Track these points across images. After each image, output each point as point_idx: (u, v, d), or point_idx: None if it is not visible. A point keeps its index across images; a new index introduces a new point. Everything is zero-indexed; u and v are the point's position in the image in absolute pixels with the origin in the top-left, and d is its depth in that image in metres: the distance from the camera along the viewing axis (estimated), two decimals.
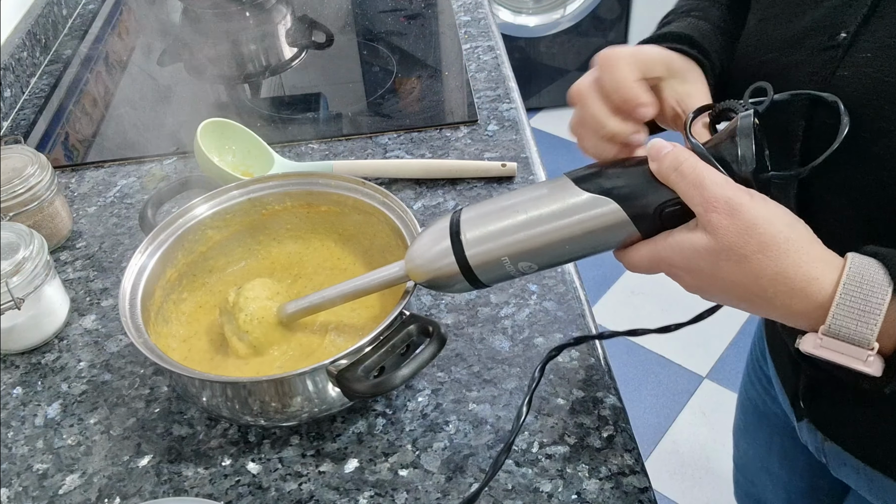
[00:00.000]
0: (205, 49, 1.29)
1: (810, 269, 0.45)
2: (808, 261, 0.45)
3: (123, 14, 1.39)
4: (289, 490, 0.62)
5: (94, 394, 0.70)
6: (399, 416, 0.66)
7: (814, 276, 0.45)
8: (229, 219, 0.75)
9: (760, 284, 0.46)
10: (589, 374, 0.68)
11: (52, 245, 0.85)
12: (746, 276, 0.46)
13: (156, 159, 1.00)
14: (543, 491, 0.60)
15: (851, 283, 0.44)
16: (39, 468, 0.65)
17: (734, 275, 0.47)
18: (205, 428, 0.67)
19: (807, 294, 0.45)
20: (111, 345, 0.75)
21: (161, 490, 0.62)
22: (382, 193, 0.72)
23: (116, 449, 0.66)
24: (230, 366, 0.68)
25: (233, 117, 0.91)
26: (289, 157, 0.96)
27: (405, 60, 1.19)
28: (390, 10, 1.33)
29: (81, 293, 0.81)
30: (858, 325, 0.44)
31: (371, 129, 1.02)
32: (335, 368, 0.58)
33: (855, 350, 0.44)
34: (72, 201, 0.93)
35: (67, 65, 1.23)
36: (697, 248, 0.47)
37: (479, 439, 0.64)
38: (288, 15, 1.35)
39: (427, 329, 0.60)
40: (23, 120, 1.10)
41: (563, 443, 0.63)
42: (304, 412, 0.62)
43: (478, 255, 0.55)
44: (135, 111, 1.13)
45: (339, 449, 0.64)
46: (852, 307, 0.44)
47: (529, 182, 0.90)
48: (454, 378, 0.69)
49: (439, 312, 0.75)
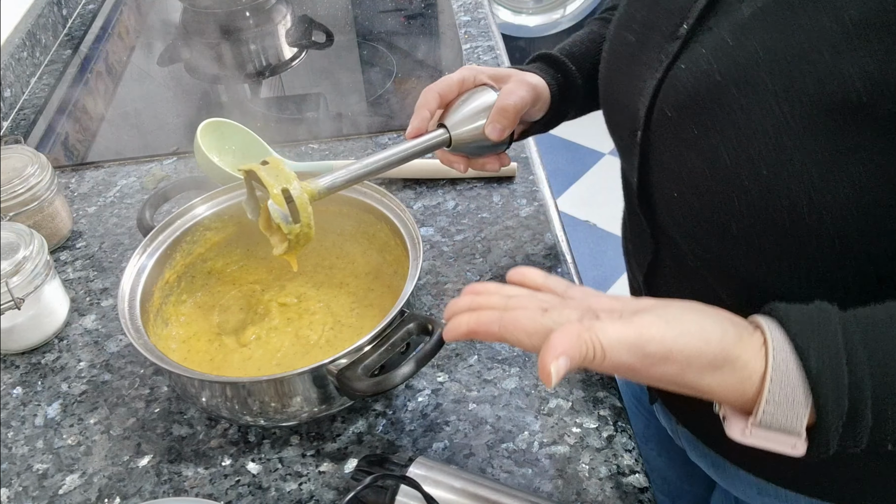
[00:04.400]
0: (205, 49, 1.29)
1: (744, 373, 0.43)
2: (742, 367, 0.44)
3: (123, 14, 1.39)
4: (289, 490, 0.62)
5: (94, 394, 0.70)
6: (399, 416, 0.66)
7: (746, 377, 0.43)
8: (228, 219, 0.75)
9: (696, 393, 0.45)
10: (589, 374, 0.68)
11: (52, 245, 0.85)
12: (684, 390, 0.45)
13: (156, 159, 1.00)
14: (543, 491, 0.60)
15: (777, 377, 0.43)
16: (39, 468, 0.65)
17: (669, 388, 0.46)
18: (205, 428, 0.67)
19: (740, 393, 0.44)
20: (111, 345, 0.75)
21: (161, 490, 0.62)
22: (382, 193, 0.72)
23: (116, 449, 0.66)
24: (230, 366, 0.68)
25: (233, 117, 0.91)
26: (289, 157, 0.96)
27: (405, 60, 1.19)
28: (390, 10, 1.33)
29: (81, 293, 0.81)
30: (788, 417, 0.43)
31: (371, 129, 1.02)
32: (335, 367, 0.58)
33: (784, 438, 0.44)
34: (72, 201, 0.93)
35: (67, 65, 1.23)
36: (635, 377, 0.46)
37: (479, 439, 0.64)
38: (288, 15, 1.35)
39: (426, 327, 0.60)
40: (23, 120, 1.10)
41: (563, 443, 0.63)
42: (303, 412, 0.62)
43: None
44: (135, 111, 1.13)
45: (339, 449, 0.64)
46: (781, 401, 0.43)
47: (529, 181, 0.90)
48: (454, 378, 0.69)
49: (439, 312, 0.75)
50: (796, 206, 0.46)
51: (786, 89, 0.45)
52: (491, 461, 0.62)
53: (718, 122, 0.49)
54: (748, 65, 0.47)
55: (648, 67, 0.55)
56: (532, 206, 0.86)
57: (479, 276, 0.78)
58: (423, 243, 0.68)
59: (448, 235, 0.83)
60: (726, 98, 0.48)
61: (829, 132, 0.44)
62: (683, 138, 0.51)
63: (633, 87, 0.57)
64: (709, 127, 0.49)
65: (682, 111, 0.51)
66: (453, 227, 0.84)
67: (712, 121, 0.49)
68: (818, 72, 0.44)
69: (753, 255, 0.51)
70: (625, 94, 0.58)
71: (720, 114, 0.48)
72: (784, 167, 0.46)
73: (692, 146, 0.51)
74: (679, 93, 0.51)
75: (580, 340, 0.43)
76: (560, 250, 0.81)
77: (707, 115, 0.49)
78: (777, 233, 0.48)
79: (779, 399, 0.43)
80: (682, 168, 0.52)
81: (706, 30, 0.51)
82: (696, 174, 0.51)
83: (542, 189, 0.89)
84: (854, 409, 0.42)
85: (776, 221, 0.48)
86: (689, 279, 0.60)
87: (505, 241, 0.82)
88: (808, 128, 0.45)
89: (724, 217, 0.50)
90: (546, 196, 0.88)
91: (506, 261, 0.80)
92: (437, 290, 0.77)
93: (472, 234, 0.83)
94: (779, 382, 0.43)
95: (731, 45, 0.48)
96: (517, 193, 0.88)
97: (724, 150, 0.48)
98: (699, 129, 0.50)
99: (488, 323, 0.46)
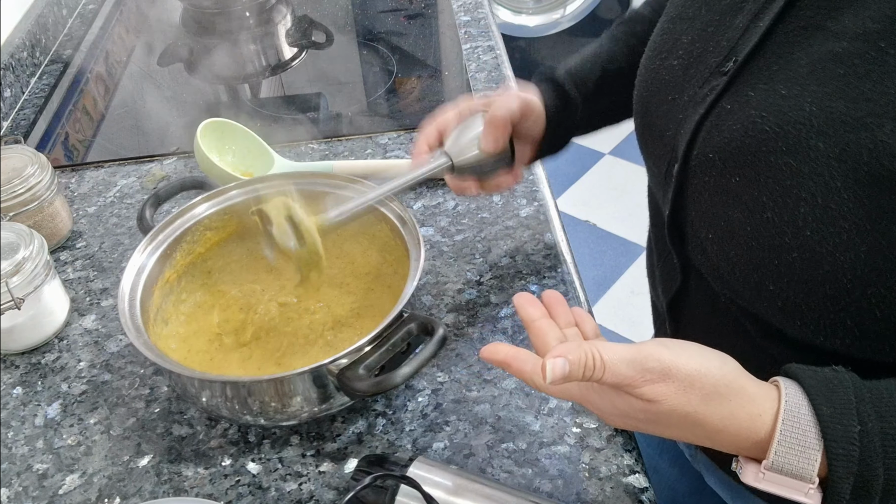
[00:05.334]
0: (204, 49, 1.29)
1: (753, 408, 0.45)
2: (749, 400, 0.45)
3: (123, 14, 1.39)
4: (289, 490, 0.62)
5: (94, 394, 0.70)
6: (399, 416, 0.66)
7: (756, 413, 0.45)
8: (228, 219, 0.75)
9: (706, 430, 0.45)
10: None
11: (52, 245, 0.85)
12: (694, 427, 0.46)
13: (156, 159, 1.00)
14: (543, 491, 0.60)
15: (790, 418, 0.44)
16: (39, 468, 0.65)
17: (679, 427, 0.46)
18: (205, 428, 0.67)
19: (751, 431, 0.45)
20: (111, 345, 0.75)
21: (161, 490, 0.62)
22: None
23: (116, 449, 0.66)
24: (230, 365, 0.68)
25: (233, 117, 0.91)
26: (289, 157, 0.96)
27: (405, 60, 1.19)
28: (390, 10, 1.33)
29: (81, 293, 0.81)
30: (800, 459, 0.43)
31: (371, 129, 1.02)
32: (335, 367, 0.58)
33: (797, 483, 0.44)
34: (72, 201, 0.93)
35: (67, 65, 1.23)
36: (636, 408, 0.46)
37: (479, 439, 0.64)
38: (288, 15, 1.35)
39: (427, 327, 0.60)
40: (23, 120, 1.10)
41: (563, 443, 0.63)
42: (304, 412, 0.62)
43: None
44: (135, 111, 1.13)
45: (339, 449, 0.64)
46: (793, 443, 0.43)
47: (529, 182, 0.90)
48: (454, 378, 0.69)
49: (439, 312, 0.75)
50: (838, 272, 0.45)
51: (838, 157, 0.44)
52: (491, 461, 0.62)
53: (763, 177, 0.47)
54: (801, 123, 0.45)
55: (691, 100, 0.53)
56: (532, 206, 0.86)
57: (478, 276, 0.78)
58: (423, 243, 0.68)
59: (448, 235, 0.83)
60: (774, 154, 0.47)
61: (878, 203, 0.43)
62: (724, 185, 0.50)
63: (673, 118, 0.55)
64: (753, 180, 0.48)
65: (726, 158, 0.50)
66: (453, 227, 0.84)
67: (757, 174, 0.48)
68: (874, 142, 0.43)
69: (788, 312, 0.50)
70: (663, 121, 0.57)
71: (766, 169, 0.47)
72: (829, 232, 0.45)
73: (733, 195, 0.49)
74: (724, 137, 0.50)
75: (581, 350, 0.45)
76: (560, 250, 0.81)
77: (752, 167, 0.48)
78: (816, 296, 0.47)
79: (791, 441, 0.43)
80: (719, 214, 0.51)
81: (755, 72, 0.49)
82: (734, 223, 0.50)
83: (542, 189, 0.89)
84: (864, 460, 0.42)
85: (816, 285, 0.47)
86: (717, 312, 0.59)
87: (505, 241, 0.82)
88: (856, 196, 0.44)
89: (761, 272, 0.49)
90: (546, 196, 0.88)
91: (506, 261, 0.80)
92: (437, 290, 0.77)
93: (472, 234, 0.83)
94: (791, 424, 0.43)
95: (784, 98, 0.47)
96: (517, 193, 0.88)
97: (768, 205, 0.47)
98: (742, 180, 0.49)
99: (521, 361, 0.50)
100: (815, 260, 0.46)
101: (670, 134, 0.55)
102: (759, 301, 0.51)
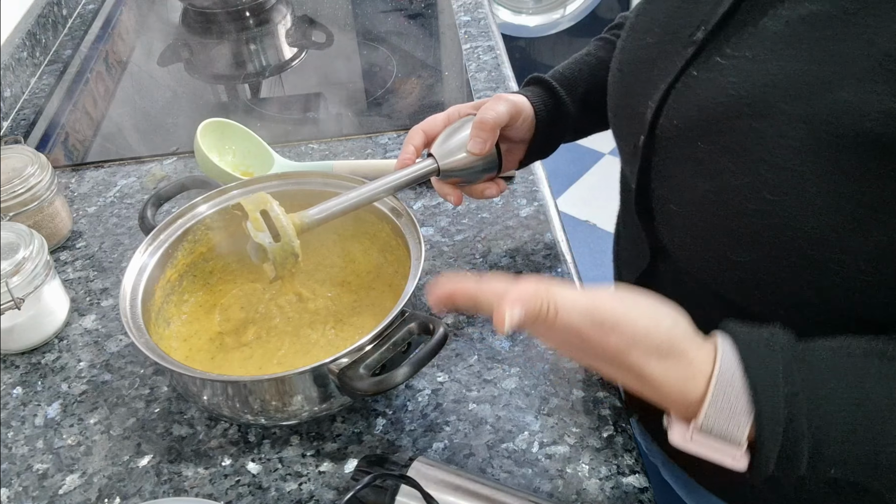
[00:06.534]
0: (205, 49, 1.29)
1: (689, 370, 0.45)
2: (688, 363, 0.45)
3: (123, 14, 1.39)
4: (289, 490, 0.62)
5: (94, 394, 0.70)
6: (399, 416, 0.66)
7: (691, 376, 0.45)
8: (229, 219, 0.75)
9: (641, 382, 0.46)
10: (589, 374, 0.68)
11: (52, 245, 0.85)
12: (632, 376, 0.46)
13: (156, 159, 1.00)
14: (543, 491, 0.60)
15: (722, 381, 0.44)
16: (39, 468, 0.65)
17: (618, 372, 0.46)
18: (205, 428, 0.67)
19: (683, 392, 0.45)
20: (111, 345, 0.75)
21: (161, 490, 0.62)
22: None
23: (116, 449, 0.66)
24: (231, 365, 0.68)
25: (233, 117, 0.91)
26: (289, 157, 0.96)
27: (405, 60, 1.19)
28: (390, 10, 1.33)
29: (81, 293, 0.81)
30: (730, 424, 0.43)
31: (371, 129, 1.02)
32: (336, 367, 0.58)
33: (725, 447, 0.44)
34: (72, 201, 0.93)
35: (67, 65, 1.23)
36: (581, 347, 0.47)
37: (478, 439, 0.64)
38: (288, 15, 1.35)
39: (428, 327, 0.60)
40: (23, 120, 1.10)
41: (563, 443, 0.63)
42: (304, 411, 0.62)
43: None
44: (135, 111, 1.13)
45: (339, 449, 0.64)
46: (724, 407, 0.43)
47: (529, 182, 0.90)
48: (454, 378, 0.69)
49: (439, 312, 0.75)
50: (800, 238, 0.45)
51: (803, 118, 0.44)
52: (491, 461, 0.62)
53: (727, 141, 0.47)
54: (767, 87, 0.45)
55: (662, 71, 0.53)
56: (532, 206, 0.86)
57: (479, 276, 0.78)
58: (423, 243, 0.68)
59: (448, 235, 0.83)
60: (739, 118, 0.47)
61: (839, 165, 0.43)
62: (688, 153, 0.50)
63: (644, 91, 0.55)
64: (717, 145, 0.48)
65: (692, 125, 0.50)
66: (453, 227, 0.84)
67: (720, 139, 0.48)
68: (838, 102, 0.43)
69: (751, 285, 0.50)
70: (634, 96, 0.57)
71: (730, 133, 0.47)
72: (791, 196, 0.45)
73: (697, 163, 0.50)
74: (691, 104, 0.50)
75: (536, 296, 0.45)
76: (560, 250, 0.81)
77: (717, 133, 0.48)
78: (779, 265, 0.47)
79: (721, 405, 0.43)
80: (683, 183, 0.51)
81: (724, 39, 0.49)
82: (697, 192, 0.50)
83: (541, 189, 0.89)
84: (792, 422, 0.42)
85: (779, 253, 0.47)
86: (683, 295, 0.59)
87: (505, 241, 0.82)
88: (818, 157, 0.44)
89: (725, 242, 0.50)
90: (546, 196, 0.88)
91: (506, 261, 0.80)
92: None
93: (472, 234, 0.83)
94: (723, 388, 0.43)
95: (751, 62, 0.47)
96: (517, 193, 0.88)
97: (731, 170, 0.47)
98: (706, 146, 0.49)
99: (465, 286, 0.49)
100: (778, 226, 0.46)
101: (639, 107, 0.56)
102: (722, 275, 0.52)
